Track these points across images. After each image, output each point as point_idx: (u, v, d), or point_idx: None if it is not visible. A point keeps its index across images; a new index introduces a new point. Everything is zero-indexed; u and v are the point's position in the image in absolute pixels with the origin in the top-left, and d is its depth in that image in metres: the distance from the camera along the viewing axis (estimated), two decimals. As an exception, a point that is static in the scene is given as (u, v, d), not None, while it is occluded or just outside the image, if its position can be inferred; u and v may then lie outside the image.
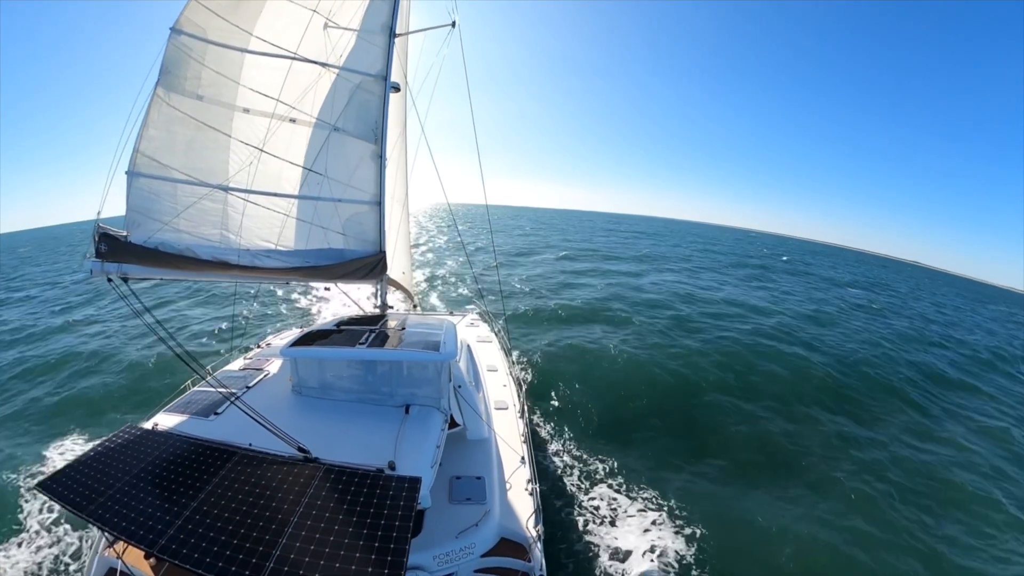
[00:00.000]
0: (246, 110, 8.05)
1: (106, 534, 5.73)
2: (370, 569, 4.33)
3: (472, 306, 27.38)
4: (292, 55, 8.19)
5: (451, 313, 17.56)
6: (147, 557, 5.75)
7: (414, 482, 5.51)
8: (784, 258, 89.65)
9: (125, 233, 7.33)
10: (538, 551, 6.42)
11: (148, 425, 6.89)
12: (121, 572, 5.58)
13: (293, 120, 8.50)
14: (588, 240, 79.14)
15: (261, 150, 8.27)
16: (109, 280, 7.04)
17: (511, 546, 6.65)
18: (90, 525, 5.05)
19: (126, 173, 7.28)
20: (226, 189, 8.09)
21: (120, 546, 5.68)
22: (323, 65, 8.49)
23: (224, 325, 21.68)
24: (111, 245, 7.02)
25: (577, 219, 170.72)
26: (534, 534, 6.63)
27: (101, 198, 6.98)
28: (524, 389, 11.43)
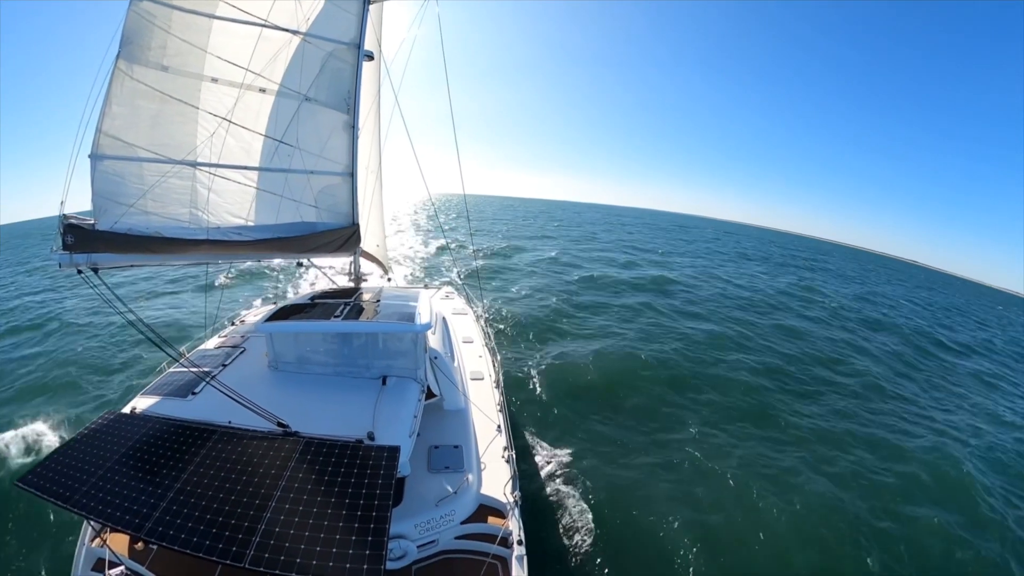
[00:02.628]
0: (214, 80, 7.72)
1: (91, 524, 5.69)
2: (353, 538, 4.44)
3: (448, 279, 27.39)
4: (263, 22, 7.86)
5: (426, 286, 17.56)
6: (134, 543, 5.77)
7: (393, 451, 5.62)
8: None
9: (92, 221, 7.05)
10: (516, 515, 6.59)
11: (127, 410, 6.80)
12: (109, 561, 5.57)
13: (263, 90, 8.21)
14: (583, 228, 79.10)
15: (230, 122, 7.99)
16: (79, 272, 6.85)
17: (490, 512, 6.82)
18: (76, 516, 4.99)
19: (89, 156, 6.95)
20: (194, 164, 7.81)
21: (106, 534, 5.66)
22: (294, 32, 8.20)
23: (198, 305, 21.15)
24: (78, 235, 6.78)
25: (577, 211, 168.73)
26: (511, 499, 6.80)
27: (64, 187, 6.66)
28: (499, 360, 11.61)
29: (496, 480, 7.24)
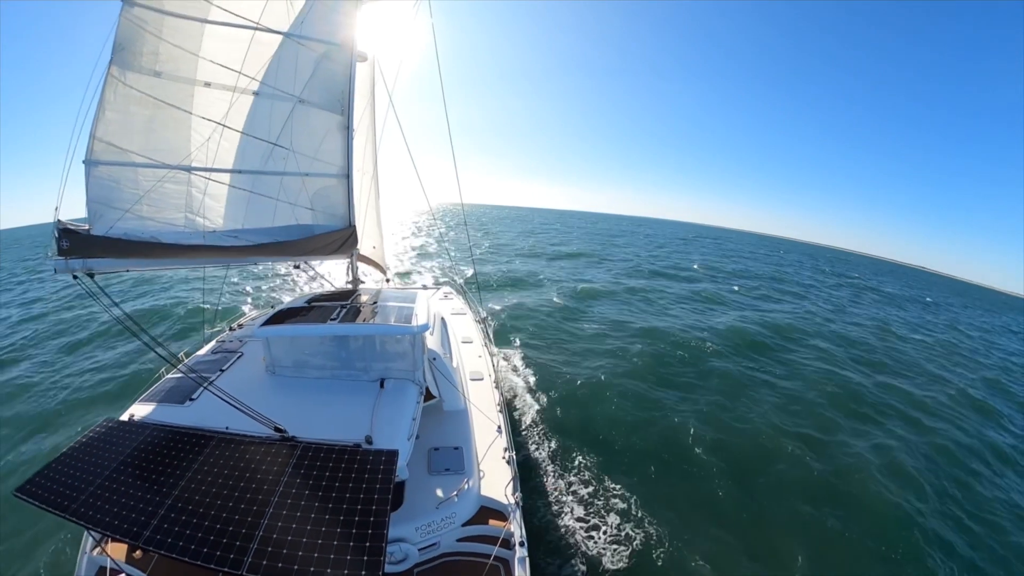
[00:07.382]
0: (207, 84, 7.71)
1: (92, 533, 5.67)
2: (352, 543, 4.42)
3: (446, 279, 27.39)
4: (255, 25, 7.83)
5: (424, 287, 17.51)
6: (133, 551, 5.75)
7: (391, 455, 5.59)
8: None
9: (87, 227, 7.08)
10: (517, 517, 6.57)
11: (124, 417, 6.76)
12: (111, 570, 5.55)
13: (256, 93, 8.18)
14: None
15: (224, 126, 7.96)
16: (75, 277, 6.87)
17: (491, 513, 6.79)
18: (76, 526, 4.98)
19: (83, 162, 6.96)
20: (189, 169, 7.79)
21: (106, 543, 5.65)
22: (286, 35, 8.17)
23: (195, 311, 21.14)
24: (73, 240, 6.80)
25: (585, 220, 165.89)
26: (513, 501, 6.79)
27: (59, 192, 6.71)
28: (498, 360, 11.57)
29: (497, 481, 7.22)
